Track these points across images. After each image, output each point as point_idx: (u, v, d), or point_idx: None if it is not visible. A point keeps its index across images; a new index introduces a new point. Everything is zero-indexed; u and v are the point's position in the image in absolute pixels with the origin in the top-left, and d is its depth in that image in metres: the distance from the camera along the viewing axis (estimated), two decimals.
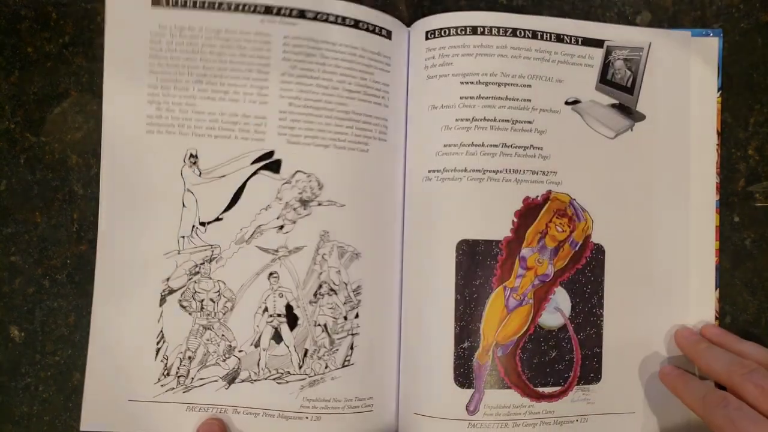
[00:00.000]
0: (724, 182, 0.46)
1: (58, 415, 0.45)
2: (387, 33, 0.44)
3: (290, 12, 0.42)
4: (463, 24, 0.43)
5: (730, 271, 0.46)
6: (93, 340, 0.43)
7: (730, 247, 0.46)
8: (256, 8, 0.42)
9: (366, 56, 0.43)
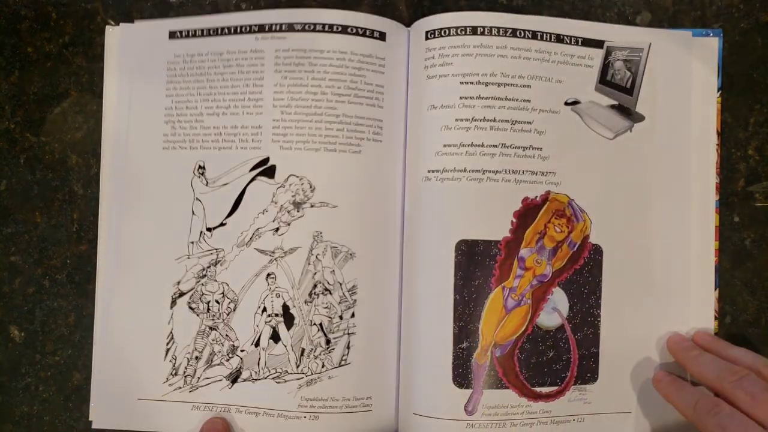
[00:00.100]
0: (724, 182, 0.46)
1: (58, 415, 0.45)
2: (380, 35, 0.44)
3: (280, 27, 0.44)
4: (463, 24, 0.43)
5: (730, 271, 0.46)
6: (98, 340, 0.45)
7: (730, 247, 0.46)
8: (251, 28, 0.45)
9: (356, 59, 0.44)
